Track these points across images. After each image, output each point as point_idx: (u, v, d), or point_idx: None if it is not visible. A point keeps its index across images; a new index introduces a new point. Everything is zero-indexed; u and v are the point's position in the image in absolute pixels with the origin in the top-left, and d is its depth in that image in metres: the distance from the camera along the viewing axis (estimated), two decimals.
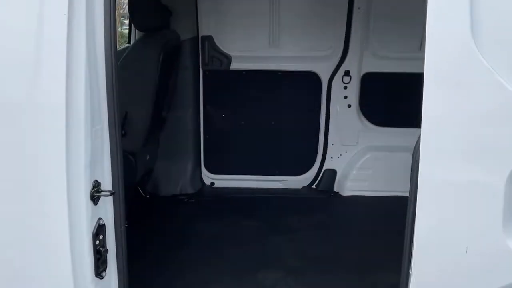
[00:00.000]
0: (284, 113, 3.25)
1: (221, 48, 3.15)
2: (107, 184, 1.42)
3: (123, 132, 2.41)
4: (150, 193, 3.21)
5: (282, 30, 3.13)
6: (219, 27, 3.12)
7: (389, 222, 2.93)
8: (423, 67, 1.29)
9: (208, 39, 3.12)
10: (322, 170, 3.34)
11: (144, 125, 2.54)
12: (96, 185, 1.37)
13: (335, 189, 3.33)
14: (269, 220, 2.84)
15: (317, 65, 3.18)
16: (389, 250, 2.56)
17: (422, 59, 1.30)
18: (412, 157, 1.37)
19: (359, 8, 3.04)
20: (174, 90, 3.10)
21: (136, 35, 3.12)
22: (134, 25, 2.61)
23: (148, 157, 2.90)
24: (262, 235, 2.66)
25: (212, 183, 3.38)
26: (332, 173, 3.33)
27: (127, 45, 3.44)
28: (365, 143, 3.26)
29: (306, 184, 3.38)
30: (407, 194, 1.37)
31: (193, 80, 3.17)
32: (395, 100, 3.22)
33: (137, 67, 2.46)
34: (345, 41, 3.13)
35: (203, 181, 3.38)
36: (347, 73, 3.16)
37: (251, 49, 3.17)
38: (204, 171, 3.36)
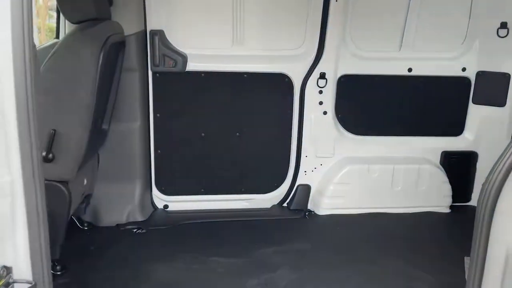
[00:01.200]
0: (250, 122, 2.78)
1: (174, 45, 2.61)
2: (22, 268, 0.87)
3: (50, 156, 1.83)
4: (88, 223, 2.60)
5: (247, 25, 2.65)
6: (172, 19, 2.58)
7: (379, 244, 2.65)
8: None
9: (159, 34, 2.56)
10: (295, 186, 2.91)
11: (79, 145, 1.95)
12: (4, 274, 0.83)
13: (309, 207, 2.91)
14: (237, 254, 2.34)
15: (288, 66, 2.73)
16: (384, 278, 2.27)
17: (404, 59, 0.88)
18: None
19: (336, 0, 2.64)
20: (117, 97, 2.52)
21: (67, 29, 2.50)
22: (64, 16, 2.00)
23: (85, 181, 2.30)
24: (230, 277, 2.17)
25: (166, 206, 2.84)
26: (306, 189, 2.91)
27: (55, 40, 2.79)
28: (343, 155, 2.88)
29: (276, 202, 2.94)
30: (390, 211, 0.97)
31: (140, 84, 2.60)
32: (375, 106, 2.87)
33: (68, 69, 1.87)
34: (320, 38, 2.71)
35: (155, 204, 2.82)
36: (322, 76, 2.75)
37: (211, 46, 2.66)
38: (155, 193, 2.81)
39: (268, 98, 2.76)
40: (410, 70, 2.80)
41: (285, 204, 2.94)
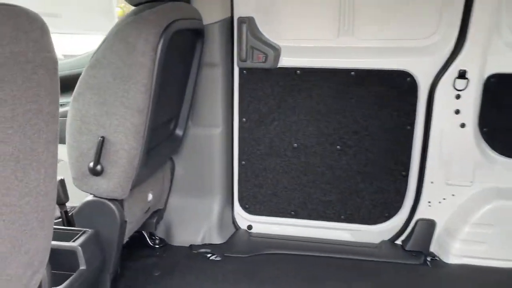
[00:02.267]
0: (357, 132, 2.17)
1: (266, 35, 2.13)
2: None
3: (98, 168, 1.50)
4: (160, 240, 2.28)
5: (359, 9, 2.04)
6: (264, 4, 2.10)
7: None
8: None
9: (248, 22, 2.10)
10: (413, 220, 2.21)
11: (131, 157, 1.59)
12: None
13: (432, 249, 2.19)
14: None
15: (411, 61, 2.05)
16: None
17: None
18: None
19: None
20: (195, 97, 2.14)
21: None
22: None
23: (150, 196, 1.96)
24: None
25: (249, 227, 2.39)
26: (429, 225, 2.19)
27: None
28: (487, 184, 2.09)
29: (387, 237, 2.27)
30: None
31: (223, 83, 2.18)
32: None
33: (117, 62, 1.51)
34: (461, 23, 1.97)
35: (236, 224, 2.39)
36: (462, 75, 2.00)
37: (310, 37, 2.11)
38: (238, 210, 2.38)
39: (381, 102, 2.12)
40: None
41: (398, 242, 2.26)
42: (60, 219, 1.68)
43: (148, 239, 2.25)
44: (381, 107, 2.12)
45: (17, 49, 0.92)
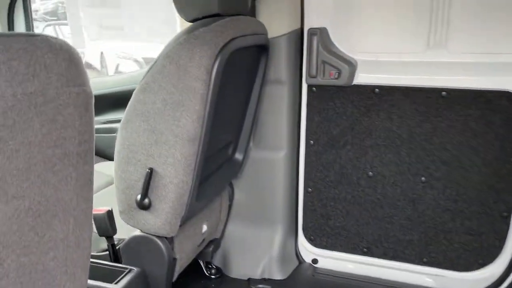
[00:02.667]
0: (446, 163, 1.83)
1: (340, 48, 1.87)
2: None
3: (146, 201, 1.35)
4: (217, 269, 2.10)
5: (454, 18, 1.71)
6: (338, 14, 1.84)
7: None
8: None
9: (319, 33, 1.85)
10: None
11: (180, 192, 1.41)
12: None
13: None
14: None
15: None
16: None
17: None
18: None
19: None
20: (257, 116, 1.93)
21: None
22: (176, 10, 1.49)
23: (204, 227, 1.79)
24: None
25: (315, 261, 2.14)
26: None
27: None
28: None
29: (481, 287, 1.91)
30: None
31: (289, 101, 1.95)
32: None
33: (167, 87, 1.34)
34: None
35: (300, 256, 2.15)
36: None
37: (393, 50, 1.82)
38: (302, 241, 2.14)
39: (478, 128, 1.76)
40: None
41: None
42: (107, 252, 1.56)
43: (204, 268, 2.09)
44: (478, 134, 1.76)
45: (32, 88, 0.76)
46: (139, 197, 1.43)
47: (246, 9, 1.66)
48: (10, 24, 2.44)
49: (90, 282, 0.94)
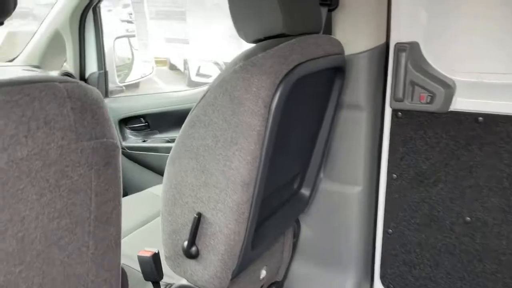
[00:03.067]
0: None
1: (434, 67, 1.54)
2: None
3: (193, 250, 1.17)
4: None
5: None
6: (433, 26, 1.51)
7: None
8: None
9: (409, 49, 1.54)
10: None
11: (231, 243, 1.21)
12: None
13: None
14: None
15: None
16: None
17: None
18: None
19: None
20: (328, 146, 1.67)
21: None
22: (236, 30, 1.27)
23: (263, 273, 1.57)
24: None
25: None
26: None
27: None
28: None
29: None
30: None
31: (368, 129, 1.66)
32: None
33: (218, 122, 1.13)
34: None
35: None
36: None
37: (503, 70, 1.45)
38: None
39: None
40: None
41: None
42: None
43: None
44: None
45: (23, 152, 0.59)
46: (186, 244, 1.25)
47: (319, 26, 1.40)
48: (81, 37, 2.42)
49: None
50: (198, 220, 1.21)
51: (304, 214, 1.79)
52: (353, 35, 1.55)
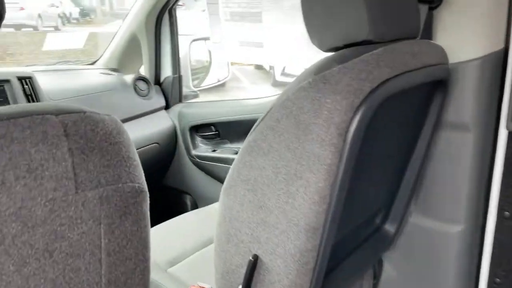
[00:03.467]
0: None
1: None
2: None
3: None
4: None
5: None
6: None
7: None
8: None
9: None
10: None
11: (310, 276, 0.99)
12: None
13: None
14: None
15: None
16: None
17: None
18: None
19: None
20: (422, 173, 1.37)
21: None
22: (310, 38, 1.03)
23: None
24: None
25: None
26: None
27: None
28: None
29: None
30: None
31: (475, 153, 1.32)
32: None
33: (280, 150, 0.92)
34: None
35: None
36: None
37: None
38: None
39: None
40: None
41: None
42: None
43: None
44: None
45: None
46: (240, 287, 1.06)
47: (416, 29, 1.11)
48: (157, 39, 2.34)
49: None
50: (254, 264, 1.01)
51: (387, 252, 1.51)
52: (461, 39, 1.23)
